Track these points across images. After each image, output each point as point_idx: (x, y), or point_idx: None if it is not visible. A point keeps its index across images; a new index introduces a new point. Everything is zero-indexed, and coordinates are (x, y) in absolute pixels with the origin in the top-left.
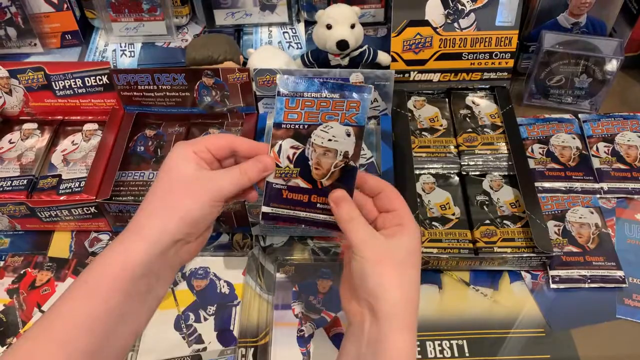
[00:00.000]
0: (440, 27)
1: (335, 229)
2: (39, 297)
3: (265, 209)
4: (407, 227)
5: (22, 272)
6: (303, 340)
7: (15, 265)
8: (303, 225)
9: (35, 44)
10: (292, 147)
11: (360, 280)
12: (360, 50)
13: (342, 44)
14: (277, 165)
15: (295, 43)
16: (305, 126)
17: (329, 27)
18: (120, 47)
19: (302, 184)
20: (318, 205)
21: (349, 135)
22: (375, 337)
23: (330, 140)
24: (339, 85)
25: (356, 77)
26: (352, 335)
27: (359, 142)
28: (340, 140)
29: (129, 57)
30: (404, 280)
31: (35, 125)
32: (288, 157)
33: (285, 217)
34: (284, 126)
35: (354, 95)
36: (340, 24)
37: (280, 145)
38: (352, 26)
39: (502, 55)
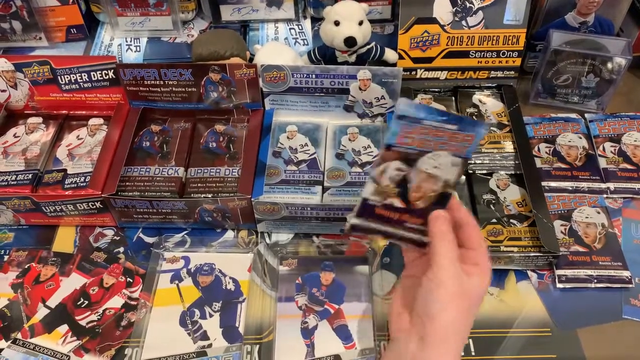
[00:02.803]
0: (448, 24)
1: (418, 246)
2: (43, 291)
3: (355, 220)
4: (483, 269)
5: (26, 267)
6: (307, 332)
7: (19, 259)
8: (386, 238)
9: (40, 38)
10: (397, 169)
11: (425, 299)
12: (368, 47)
13: (350, 41)
14: (378, 184)
15: (301, 39)
16: (417, 151)
17: (336, 23)
18: (126, 41)
19: (397, 203)
20: (406, 224)
21: (454, 165)
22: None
23: (436, 167)
24: (458, 118)
25: (364, 74)
26: (392, 351)
27: (460, 171)
28: (444, 169)
29: (135, 52)
30: (466, 317)
31: (40, 120)
32: (391, 178)
33: (371, 230)
34: (395, 148)
35: (470, 128)
36: (348, 21)
37: (387, 167)
38: (360, 23)
39: (510, 54)
